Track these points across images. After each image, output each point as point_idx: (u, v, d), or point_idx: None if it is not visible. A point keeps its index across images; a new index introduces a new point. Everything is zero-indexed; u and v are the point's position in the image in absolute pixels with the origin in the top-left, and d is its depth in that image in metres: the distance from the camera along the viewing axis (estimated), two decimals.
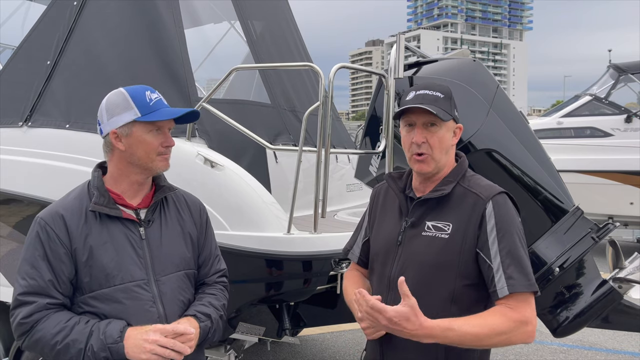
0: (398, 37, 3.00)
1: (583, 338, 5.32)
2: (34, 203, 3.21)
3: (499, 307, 1.69)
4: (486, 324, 1.65)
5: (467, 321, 1.64)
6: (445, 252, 1.75)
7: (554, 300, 2.89)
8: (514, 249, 1.71)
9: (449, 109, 1.81)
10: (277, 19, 4.56)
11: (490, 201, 1.75)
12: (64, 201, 1.81)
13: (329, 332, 5.50)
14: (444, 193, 1.79)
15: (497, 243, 1.71)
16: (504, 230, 1.72)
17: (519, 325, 1.66)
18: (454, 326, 1.62)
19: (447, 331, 1.61)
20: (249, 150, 3.46)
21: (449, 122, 1.81)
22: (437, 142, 1.79)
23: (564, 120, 9.08)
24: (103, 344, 1.63)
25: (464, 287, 1.75)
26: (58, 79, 3.48)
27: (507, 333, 1.65)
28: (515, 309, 1.67)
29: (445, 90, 1.83)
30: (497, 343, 1.68)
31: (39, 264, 1.70)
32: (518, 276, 1.68)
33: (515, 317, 1.66)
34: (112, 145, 1.80)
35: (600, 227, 2.98)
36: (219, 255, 2.04)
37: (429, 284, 1.76)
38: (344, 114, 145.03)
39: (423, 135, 1.79)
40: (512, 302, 1.68)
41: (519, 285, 1.68)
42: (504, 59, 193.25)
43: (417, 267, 1.78)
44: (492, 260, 1.71)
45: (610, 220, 7.79)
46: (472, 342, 1.64)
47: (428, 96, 1.79)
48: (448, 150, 1.84)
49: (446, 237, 1.76)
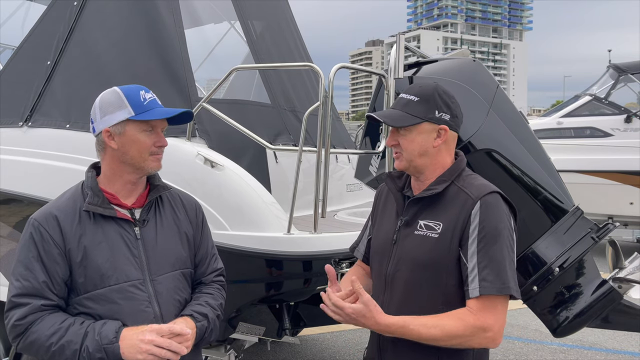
0: (398, 37, 3.00)
1: (583, 338, 5.32)
2: (34, 203, 3.21)
3: (461, 309, 1.69)
4: (441, 326, 1.65)
5: (424, 321, 1.66)
6: (435, 251, 1.75)
7: (554, 300, 2.88)
8: (495, 251, 1.68)
9: (421, 112, 1.77)
10: (277, 19, 4.56)
11: (479, 201, 1.73)
12: (57, 202, 1.80)
13: (329, 332, 5.50)
14: (434, 192, 1.78)
15: (476, 243, 1.69)
16: (486, 230, 1.70)
17: (476, 331, 1.65)
18: (409, 325, 1.66)
19: (403, 329, 1.66)
20: (249, 150, 3.46)
21: (422, 124, 1.78)
22: (407, 144, 1.81)
23: (563, 120, 9.08)
24: (98, 345, 1.62)
25: (454, 288, 1.74)
26: (58, 79, 3.48)
27: (462, 337, 1.65)
28: (476, 314, 1.66)
29: (425, 92, 1.80)
30: (455, 345, 1.68)
31: (33, 265, 1.69)
32: (492, 279, 1.66)
33: (472, 323, 1.65)
34: (104, 144, 1.79)
35: (600, 227, 2.97)
36: (215, 254, 2.03)
37: (419, 282, 1.77)
38: (344, 114, 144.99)
39: (394, 138, 1.84)
40: (476, 306, 1.67)
41: (491, 287, 1.65)
42: (504, 59, 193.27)
43: (409, 265, 1.79)
44: (469, 260, 1.70)
45: (610, 220, 7.79)
46: (429, 342, 1.67)
47: (402, 100, 1.83)
48: (427, 152, 1.81)
49: (436, 236, 1.75)
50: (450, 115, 1.81)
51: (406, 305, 1.78)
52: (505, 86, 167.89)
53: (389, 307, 1.79)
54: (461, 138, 2.76)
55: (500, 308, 1.69)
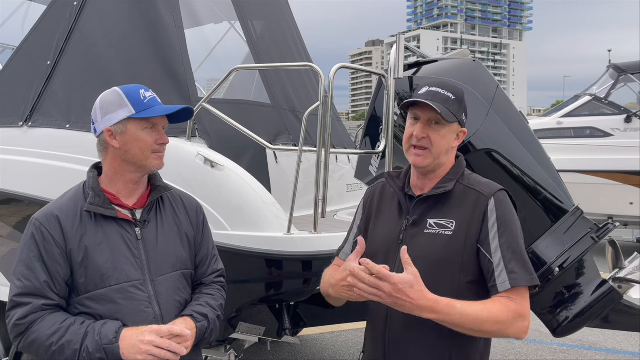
0: (398, 37, 3.00)
1: (583, 338, 5.32)
2: (35, 203, 3.21)
3: (500, 297, 1.71)
4: (487, 309, 1.67)
5: (469, 304, 1.67)
6: (449, 248, 1.76)
7: (554, 300, 2.89)
8: (515, 244, 1.73)
9: (457, 112, 1.82)
10: (277, 19, 4.56)
11: (493, 198, 1.77)
12: (59, 202, 1.80)
13: (329, 332, 5.50)
14: (446, 190, 1.80)
15: (497, 238, 1.73)
16: (505, 226, 1.74)
17: (517, 318, 1.69)
18: (456, 304, 1.64)
19: (449, 307, 1.62)
20: (249, 150, 3.46)
21: (454, 124, 1.83)
22: (438, 139, 1.81)
23: (563, 120, 9.08)
24: (98, 345, 1.62)
25: (467, 284, 1.76)
26: (58, 79, 3.48)
27: (504, 323, 1.67)
28: (516, 302, 1.70)
29: (458, 93, 1.86)
30: (494, 332, 1.69)
31: (34, 265, 1.69)
32: (520, 270, 1.71)
33: (515, 309, 1.68)
34: (106, 144, 1.79)
35: (600, 227, 2.98)
36: (216, 255, 2.03)
37: (433, 280, 1.74)
38: (344, 114, 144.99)
39: (425, 130, 1.81)
40: (513, 296, 1.70)
41: (522, 279, 1.70)
42: (503, 59, 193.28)
43: (421, 263, 1.76)
44: (493, 255, 1.72)
45: (610, 220, 7.79)
46: (471, 324, 1.65)
47: (440, 95, 1.81)
48: (448, 151, 1.85)
49: (450, 234, 1.77)
50: (466, 120, 1.90)
51: None
52: (505, 86, 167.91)
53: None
54: None
55: (527, 298, 1.73)
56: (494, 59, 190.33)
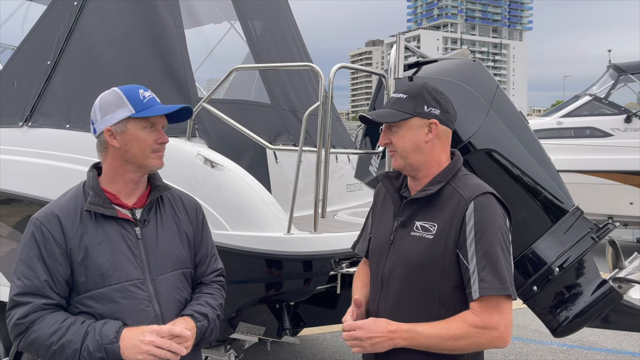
0: (398, 37, 3.00)
1: (583, 338, 5.32)
2: (34, 203, 3.21)
3: (465, 312, 1.70)
4: (446, 327, 1.67)
5: (430, 324, 1.68)
6: (430, 252, 1.75)
7: (554, 300, 2.88)
8: (492, 251, 1.68)
9: (409, 108, 1.79)
10: (277, 19, 4.56)
11: (472, 202, 1.72)
12: (59, 201, 1.81)
13: (329, 332, 5.50)
14: (428, 193, 1.78)
15: (474, 244, 1.69)
16: (482, 231, 1.69)
17: (480, 331, 1.66)
18: (417, 327, 1.68)
19: (410, 332, 1.68)
20: (249, 150, 3.46)
21: (411, 120, 1.80)
22: (398, 140, 1.82)
23: (563, 120, 9.08)
24: (99, 345, 1.63)
25: (451, 289, 1.74)
26: (58, 79, 3.48)
27: (466, 338, 1.66)
28: (478, 314, 1.66)
29: (413, 89, 1.83)
30: (464, 347, 1.69)
31: (35, 264, 1.70)
32: (491, 279, 1.66)
33: (474, 323, 1.66)
34: (106, 144, 1.80)
35: (600, 227, 2.97)
36: (215, 254, 2.04)
37: (415, 283, 1.77)
38: (344, 114, 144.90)
39: (386, 136, 1.86)
40: (479, 307, 1.67)
41: (490, 288, 1.65)
42: (503, 59, 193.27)
43: (405, 266, 1.79)
44: (469, 262, 1.69)
45: (610, 220, 7.79)
46: (436, 345, 1.68)
47: (391, 99, 1.87)
48: (420, 148, 1.81)
49: (431, 237, 1.75)
50: (441, 110, 1.81)
51: (401, 305, 1.79)
52: (505, 86, 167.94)
53: (384, 306, 1.81)
54: (461, 138, 2.76)
55: (503, 307, 1.68)
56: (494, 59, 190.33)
